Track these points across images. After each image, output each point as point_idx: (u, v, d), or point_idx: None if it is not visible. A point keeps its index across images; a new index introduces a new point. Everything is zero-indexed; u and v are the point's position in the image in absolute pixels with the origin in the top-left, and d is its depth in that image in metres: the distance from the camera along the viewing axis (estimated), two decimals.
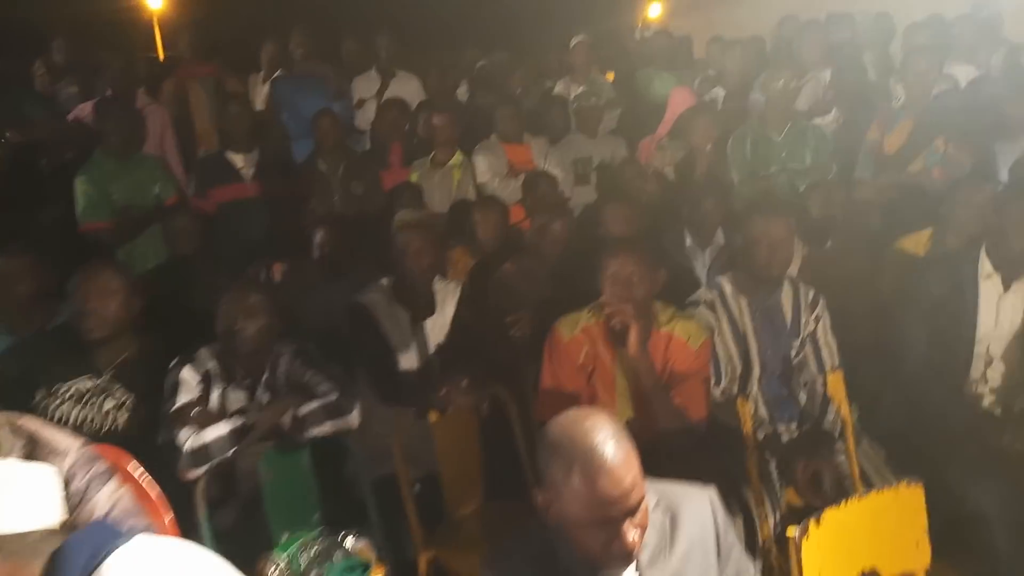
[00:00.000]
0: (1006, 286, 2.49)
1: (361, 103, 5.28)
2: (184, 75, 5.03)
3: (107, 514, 1.61)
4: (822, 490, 2.40)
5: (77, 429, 2.20)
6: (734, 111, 4.63)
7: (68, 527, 1.34)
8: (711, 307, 2.64)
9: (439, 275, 2.80)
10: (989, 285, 2.50)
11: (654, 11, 11.96)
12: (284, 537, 2.14)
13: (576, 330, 2.45)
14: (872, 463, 2.55)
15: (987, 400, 2.55)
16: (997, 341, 2.51)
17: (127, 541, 1.17)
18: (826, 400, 2.56)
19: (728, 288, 2.67)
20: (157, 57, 5.33)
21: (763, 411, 2.62)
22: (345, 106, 5.14)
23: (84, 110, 4.40)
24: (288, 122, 5.00)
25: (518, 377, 2.79)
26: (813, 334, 2.66)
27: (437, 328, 2.73)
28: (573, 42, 5.65)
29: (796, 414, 2.62)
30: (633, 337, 2.27)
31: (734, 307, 2.64)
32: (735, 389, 2.64)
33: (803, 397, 2.66)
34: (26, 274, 2.52)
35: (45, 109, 4.51)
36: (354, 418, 2.28)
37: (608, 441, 1.28)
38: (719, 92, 5.10)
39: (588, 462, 1.26)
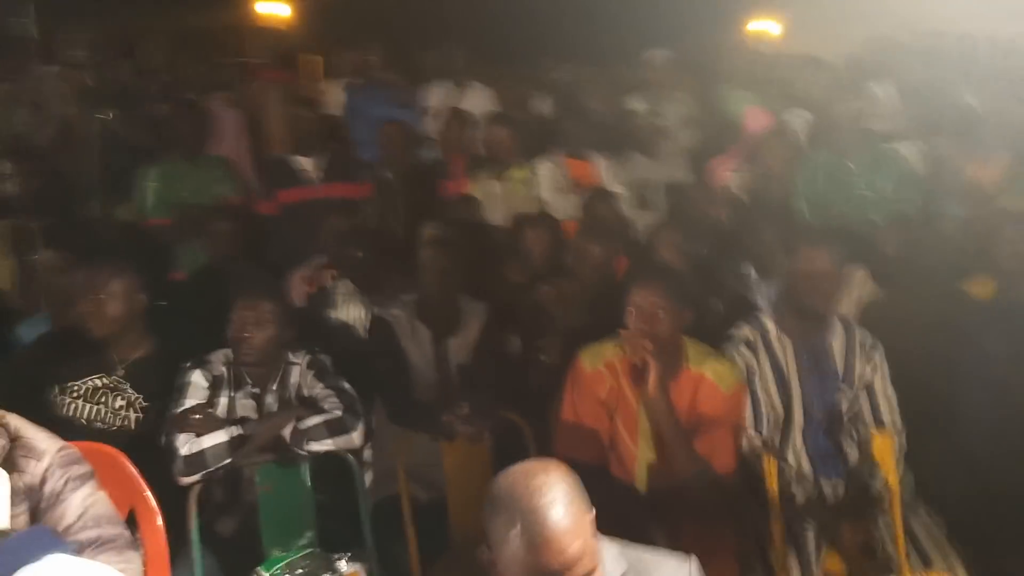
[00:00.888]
0: None
1: (434, 113, 5.28)
2: (262, 80, 5.16)
3: (78, 518, 1.59)
4: (875, 557, 2.16)
5: (88, 425, 2.23)
6: (818, 136, 4.33)
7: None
8: (751, 346, 2.43)
9: (466, 293, 2.70)
10: None
11: (767, 27, 11.40)
12: (273, 554, 2.09)
13: (599, 363, 2.29)
14: (931, 536, 2.26)
15: None
16: None
17: (39, 559, 1.13)
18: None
19: (772, 326, 2.45)
20: (242, 62, 5.47)
21: (805, 466, 2.38)
22: (415, 116, 5.14)
23: (160, 110, 4.57)
24: (359, 129, 5.06)
25: (543, 405, 2.65)
26: (870, 385, 2.41)
27: (460, 348, 2.63)
28: (649, 55, 5.45)
29: (843, 472, 2.37)
30: (652, 376, 2.10)
31: (777, 348, 2.42)
32: (777, 439, 2.42)
33: (853, 454, 2.41)
34: (67, 267, 2.58)
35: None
36: (357, 436, 2.21)
37: (556, 504, 1.14)
38: (804, 114, 4.79)
39: (530, 525, 1.13)
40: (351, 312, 3.06)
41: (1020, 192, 3.23)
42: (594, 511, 1.23)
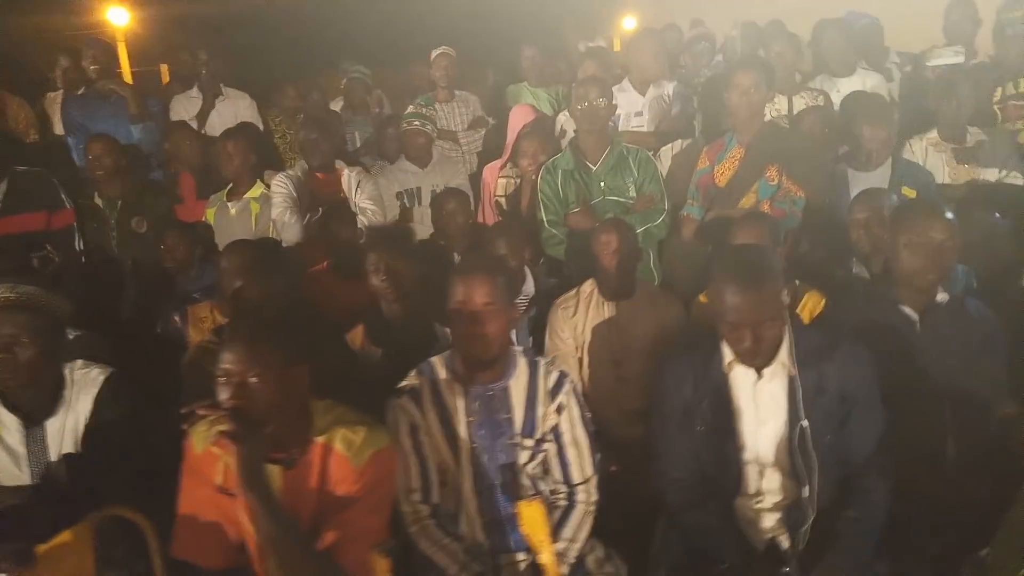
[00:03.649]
0: (758, 372, 1.90)
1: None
2: None
3: None
4: None
5: None
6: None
7: None
8: (416, 397, 2.02)
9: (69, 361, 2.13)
10: (739, 373, 1.91)
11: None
12: None
13: (209, 440, 1.80)
14: None
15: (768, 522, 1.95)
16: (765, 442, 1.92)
17: None
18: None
19: (441, 372, 2.05)
20: None
21: (480, 536, 1.99)
22: (150, 130, 4.48)
23: None
24: (78, 146, 4.35)
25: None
26: (555, 430, 2.05)
27: (62, 434, 2.05)
28: (434, 54, 5.01)
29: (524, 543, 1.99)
30: (234, 461, 1.64)
31: (447, 396, 2.02)
32: (453, 505, 2.01)
33: None
34: None
35: None
36: None
37: None
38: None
39: None
40: None
41: (753, 191, 3.00)
42: None
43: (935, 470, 2.08)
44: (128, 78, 8.82)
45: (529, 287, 3.12)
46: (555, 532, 1.96)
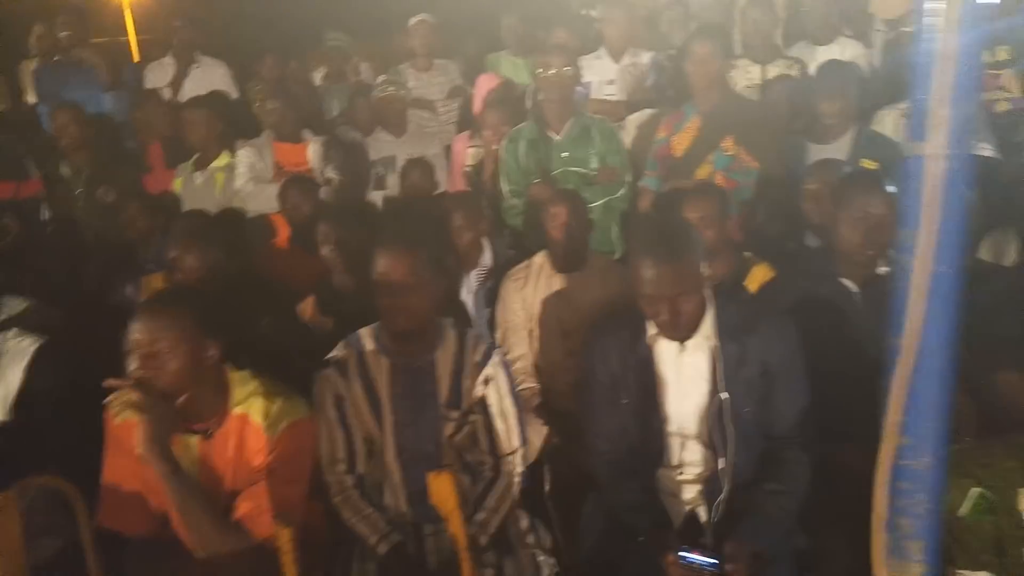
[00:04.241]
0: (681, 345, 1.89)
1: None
2: None
3: None
4: None
5: None
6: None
7: None
8: (342, 369, 2.02)
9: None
10: (663, 346, 1.89)
11: None
12: None
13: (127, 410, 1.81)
14: None
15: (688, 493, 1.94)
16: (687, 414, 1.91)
17: None
18: None
19: (368, 344, 2.04)
20: None
21: (404, 507, 2.00)
22: (122, 99, 4.46)
23: None
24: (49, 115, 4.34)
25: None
26: (483, 402, 2.04)
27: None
28: (412, 22, 4.94)
29: None
30: (139, 434, 1.64)
31: (373, 368, 2.01)
32: (378, 476, 2.02)
33: None
34: None
35: None
36: None
37: None
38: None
39: None
40: None
41: (708, 162, 2.96)
42: None
43: (868, 443, 2.06)
44: (134, 45, 8.77)
45: (487, 259, 3.10)
46: (479, 502, 1.97)
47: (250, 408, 1.80)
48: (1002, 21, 3.53)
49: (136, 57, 5.66)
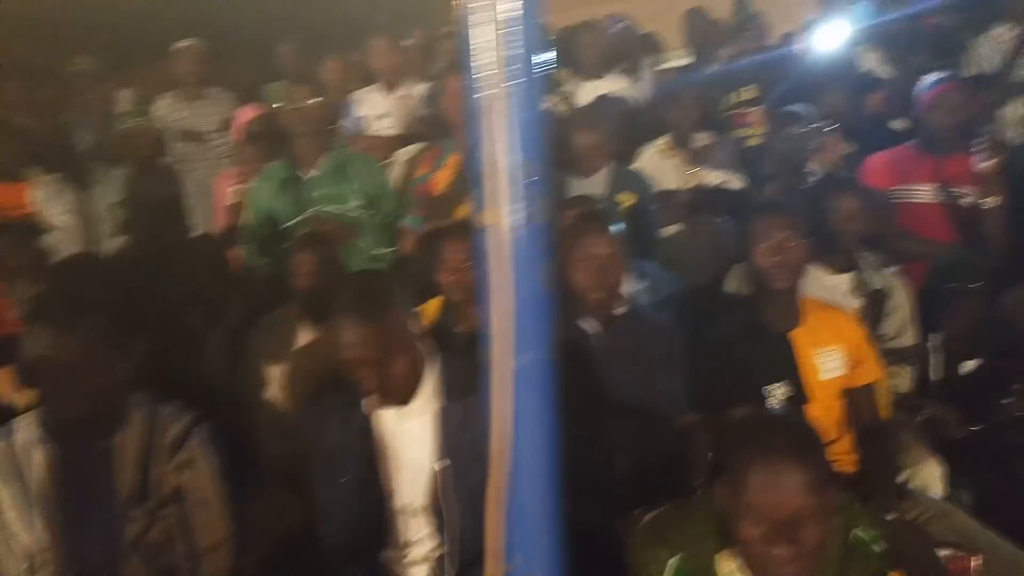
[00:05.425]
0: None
1: None
2: None
3: None
4: None
5: None
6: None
7: None
8: None
9: None
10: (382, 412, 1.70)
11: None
12: None
13: None
14: None
15: None
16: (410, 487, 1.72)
17: None
18: None
19: (26, 433, 1.67)
20: None
21: None
22: None
23: None
24: None
25: None
26: (177, 493, 1.73)
27: None
28: (177, 47, 4.49)
29: None
30: None
31: (24, 463, 1.65)
32: None
33: None
34: None
35: None
36: None
37: None
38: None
39: None
40: None
41: (470, 200, 2.83)
42: None
43: (606, 481, 1.97)
44: None
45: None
46: None
47: None
48: (744, 62, 3.75)
49: None
